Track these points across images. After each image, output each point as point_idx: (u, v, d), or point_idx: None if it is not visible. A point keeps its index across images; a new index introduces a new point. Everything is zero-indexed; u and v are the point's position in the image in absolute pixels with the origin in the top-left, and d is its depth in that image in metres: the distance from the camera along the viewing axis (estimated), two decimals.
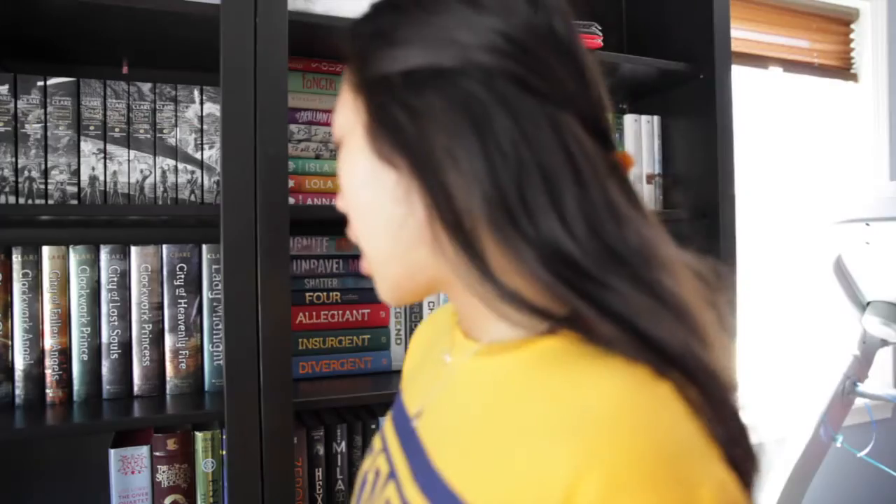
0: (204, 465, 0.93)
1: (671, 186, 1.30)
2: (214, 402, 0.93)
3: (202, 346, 0.99)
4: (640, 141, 1.30)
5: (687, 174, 1.27)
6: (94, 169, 0.93)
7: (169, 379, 0.97)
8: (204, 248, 0.99)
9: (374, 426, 1.03)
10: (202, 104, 0.99)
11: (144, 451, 0.91)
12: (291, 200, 0.98)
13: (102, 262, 0.94)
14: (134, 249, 0.96)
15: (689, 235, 1.23)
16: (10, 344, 0.91)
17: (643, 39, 1.39)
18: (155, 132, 0.97)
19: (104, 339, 0.94)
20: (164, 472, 0.91)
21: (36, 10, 0.85)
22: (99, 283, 0.94)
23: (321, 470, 0.99)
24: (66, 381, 0.93)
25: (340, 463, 1.00)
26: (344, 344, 1.08)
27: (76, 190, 0.93)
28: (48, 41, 0.98)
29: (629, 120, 1.29)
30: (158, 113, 0.97)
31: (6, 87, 0.89)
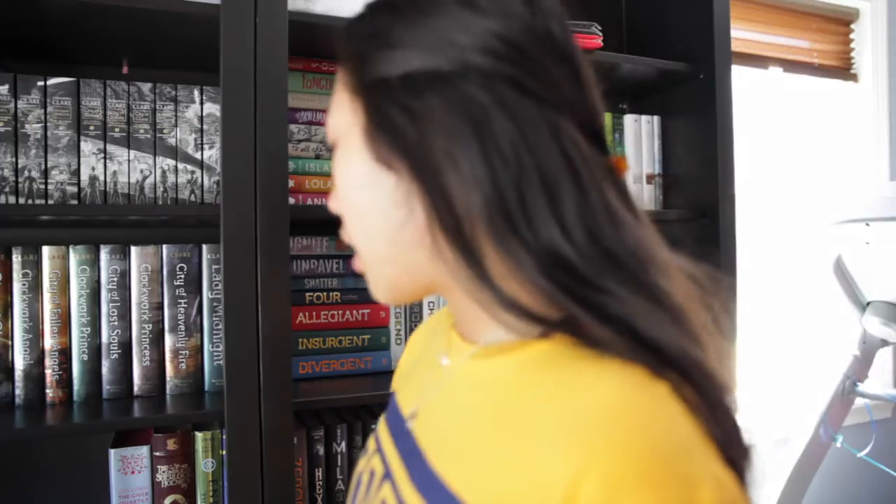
0: (204, 465, 0.93)
1: (671, 186, 1.30)
2: (214, 402, 0.93)
3: (202, 346, 0.99)
4: (640, 141, 1.30)
5: (687, 174, 1.27)
6: (94, 169, 0.93)
7: (169, 379, 0.97)
8: (204, 248, 0.99)
9: (373, 426, 1.03)
10: (202, 104, 0.99)
11: (144, 451, 0.91)
12: (291, 200, 0.98)
13: (102, 262, 0.94)
14: (134, 249, 0.96)
15: (688, 235, 1.24)
16: (10, 344, 0.91)
17: (643, 39, 1.39)
18: (155, 132, 0.97)
19: (104, 339, 0.94)
20: (164, 472, 0.91)
21: (36, 10, 0.85)
22: (99, 283, 0.94)
23: (321, 470, 0.99)
24: (66, 381, 0.93)
25: (340, 463, 1.01)
26: (344, 344, 1.08)
27: (76, 190, 0.93)
28: (48, 41, 0.98)
29: (629, 120, 1.29)
30: (158, 113, 0.97)
31: (6, 87, 0.89)
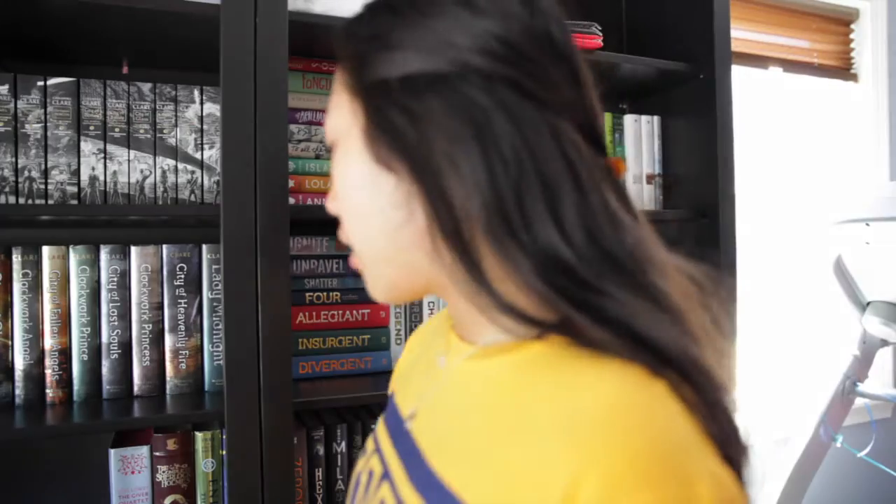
0: (204, 465, 0.93)
1: (671, 186, 1.30)
2: (214, 402, 0.93)
3: (202, 346, 0.99)
4: (640, 141, 1.30)
5: (687, 174, 1.27)
6: (94, 169, 0.93)
7: (169, 379, 0.97)
8: (204, 248, 0.99)
9: (373, 426, 1.03)
10: (202, 104, 0.99)
11: (144, 451, 0.91)
12: (291, 200, 0.98)
13: (102, 262, 0.94)
14: (134, 249, 0.96)
15: (688, 236, 1.24)
16: (10, 344, 0.91)
17: (643, 39, 1.39)
18: (155, 132, 0.97)
19: (104, 339, 0.94)
20: (164, 472, 0.91)
21: (36, 10, 0.85)
22: (99, 283, 0.94)
23: (321, 470, 0.99)
24: (66, 381, 0.93)
25: (340, 463, 1.01)
26: (344, 344, 1.08)
27: (76, 190, 0.93)
28: (48, 41, 0.98)
29: (629, 120, 1.29)
30: (158, 113, 0.97)
31: (6, 87, 0.89)
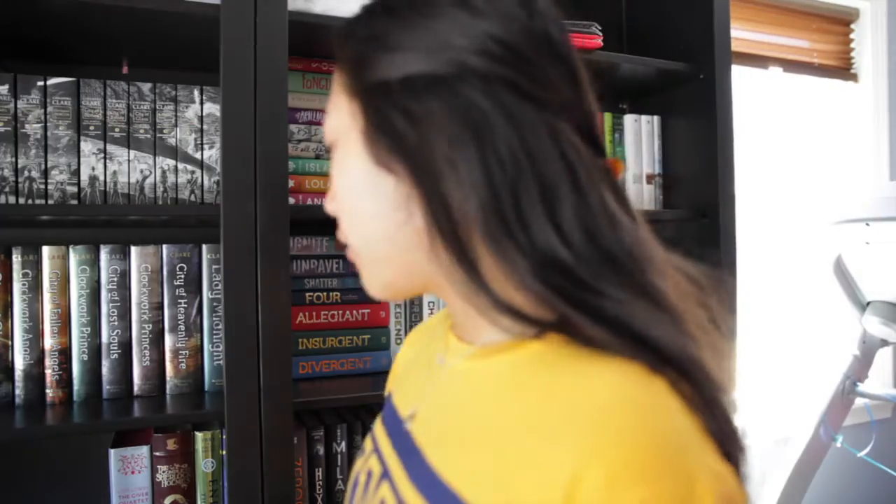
0: (204, 465, 0.93)
1: (671, 186, 1.30)
2: (214, 402, 0.93)
3: (202, 346, 0.99)
4: (640, 141, 1.30)
5: (687, 174, 1.27)
6: (94, 169, 0.93)
7: (169, 379, 0.97)
8: (204, 248, 0.99)
9: (373, 426, 1.03)
10: (202, 104, 0.99)
11: (144, 451, 0.91)
12: (291, 200, 0.98)
13: (102, 262, 0.94)
14: (134, 249, 0.96)
15: (688, 235, 1.24)
16: (10, 344, 0.91)
17: (643, 39, 1.39)
18: (155, 132, 0.97)
19: (104, 339, 0.94)
20: (164, 472, 0.91)
21: (36, 10, 0.85)
22: (99, 283, 0.94)
23: (321, 470, 0.99)
24: (66, 381, 0.93)
25: (340, 463, 1.01)
26: (344, 344, 1.08)
27: (76, 190, 0.93)
28: (48, 41, 0.97)
29: (629, 120, 1.29)
30: (158, 113, 0.97)
31: (6, 87, 0.89)
